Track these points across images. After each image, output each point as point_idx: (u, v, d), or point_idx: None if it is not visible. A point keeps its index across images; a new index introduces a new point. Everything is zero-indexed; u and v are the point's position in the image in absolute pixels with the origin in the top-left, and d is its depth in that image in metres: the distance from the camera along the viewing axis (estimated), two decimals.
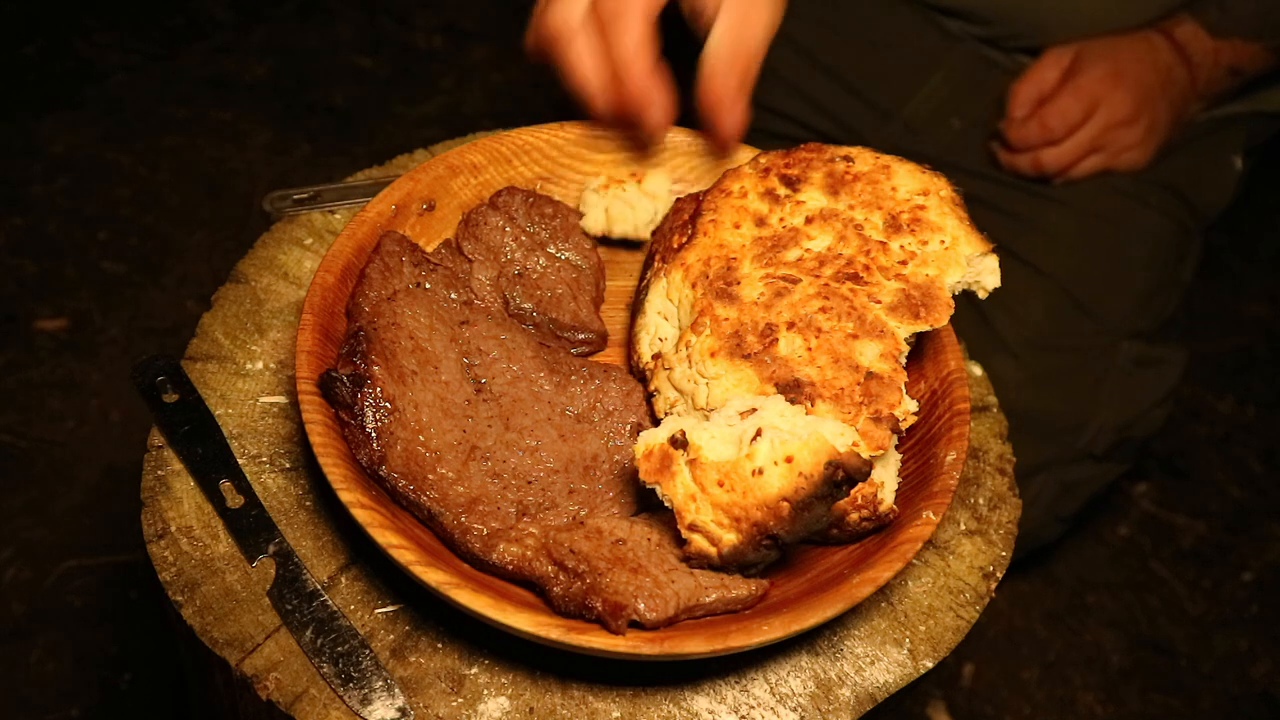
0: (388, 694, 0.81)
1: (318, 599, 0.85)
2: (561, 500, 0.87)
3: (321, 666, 0.82)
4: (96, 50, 2.87)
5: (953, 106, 1.72)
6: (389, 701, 0.80)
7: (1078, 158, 1.63)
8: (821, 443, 0.76)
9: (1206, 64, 1.63)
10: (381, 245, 0.97)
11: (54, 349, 2.20)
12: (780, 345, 0.89)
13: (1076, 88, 1.60)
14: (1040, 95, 1.63)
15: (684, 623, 0.79)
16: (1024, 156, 1.65)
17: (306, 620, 0.84)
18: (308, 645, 0.83)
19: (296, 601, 0.85)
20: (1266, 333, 2.61)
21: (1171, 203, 1.65)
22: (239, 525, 0.89)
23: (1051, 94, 1.62)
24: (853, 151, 1.01)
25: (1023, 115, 1.63)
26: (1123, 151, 1.63)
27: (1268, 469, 2.35)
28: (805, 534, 0.78)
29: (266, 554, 0.88)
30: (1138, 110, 1.61)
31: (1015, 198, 1.65)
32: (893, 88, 1.72)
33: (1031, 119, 1.62)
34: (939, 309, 0.91)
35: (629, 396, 0.95)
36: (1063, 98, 1.60)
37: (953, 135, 1.71)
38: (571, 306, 1.02)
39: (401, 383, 0.87)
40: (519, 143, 1.11)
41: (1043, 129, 1.61)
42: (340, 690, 0.81)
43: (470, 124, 2.20)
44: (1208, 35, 1.61)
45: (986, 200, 1.64)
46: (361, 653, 0.83)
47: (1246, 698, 1.99)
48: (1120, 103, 1.60)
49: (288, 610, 0.84)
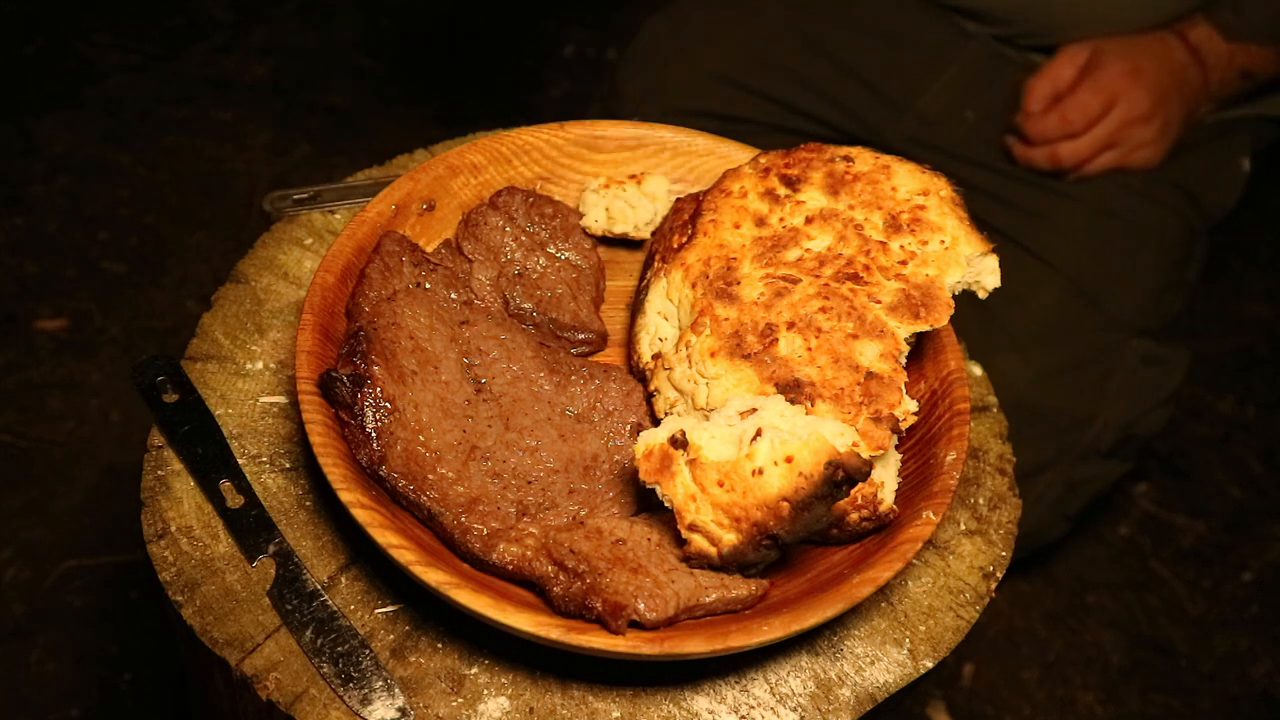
0: (388, 694, 0.81)
1: (317, 599, 0.85)
2: (561, 500, 0.87)
3: (321, 666, 0.82)
4: (96, 50, 2.87)
5: (967, 100, 1.72)
6: (389, 701, 0.80)
7: (1094, 153, 1.63)
8: (821, 443, 0.76)
9: (1220, 66, 1.63)
10: (381, 245, 0.97)
11: (54, 349, 2.20)
12: (780, 345, 0.89)
13: (1096, 82, 1.60)
14: (1056, 91, 1.63)
15: (684, 623, 0.79)
16: (1040, 151, 1.65)
17: (306, 620, 0.84)
18: (308, 645, 0.83)
19: (296, 601, 0.85)
20: (1267, 333, 2.61)
21: (1181, 202, 1.65)
22: (239, 525, 0.89)
23: (1069, 89, 1.62)
24: (852, 151, 1.01)
25: (1039, 110, 1.63)
26: (1137, 149, 1.63)
27: (1268, 469, 2.35)
28: (805, 534, 0.78)
29: (266, 554, 0.88)
30: (1154, 108, 1.61)
31: (1026, 192, 1.65)
32: (907, 81, 1.73)
33: (1051, 112, 1.62)
34: (939, 309, 0.91)
35: (629, 396, 0.95)
36: (1082, 92, 1.60)
37: (967, 128, 1.71)
38: (571, 306, 1.02)
39: (401, 383, 0.87)
40: (519, 143, 1.10)
41: (1062, 122, 1.61)
42: (340, 690, 0.81)
43: (470, 124, 2.19)
44: (1221, 38, 1.62)
45: (998, 194, 1.65)
46: (361, 653, 0.83)
47: (1246, 698, 1.99)
48: (1138, 100, 1.60)
49: (288, 610, 0.84)
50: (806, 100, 1.74)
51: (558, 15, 3.08)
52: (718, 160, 1.13)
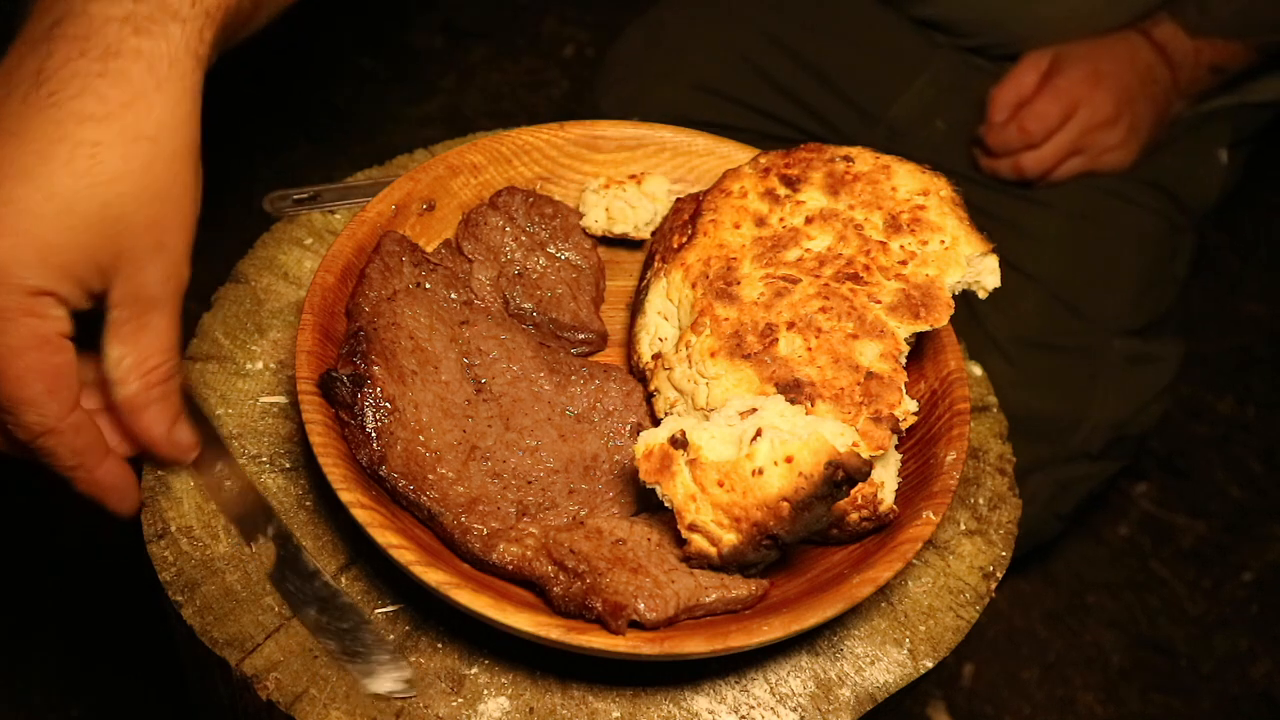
0: (394, 667, 0.81)
1: (318, 579, 0.85)
2: (561, 500, 0.87)
3: (327, 644, 0.82)
4: None
5: (937, 109, 1.72)
6: (395, 674, 0.81)
7: (1058, 160, 1.62)
8: (821, 443, 0.76)
9: (1188, 64, 1.62)
10: (381, 245, 0.97)
11: None
12: (780, 345, 0.89)
13: (1055, 90, 1.60)
14: (1019, 99, 1.63)
15: (684, 623, 0.79)
16: (1004, 161, 1.64)
17: (309, 600, 0.84)
18: (311, 623, 0.83)
19: (298, 582, 0.85)
20: (1266, 332, 2.60)
21: (1158, 200, 1.65)
22: (235, 510, 0.89)
23: (1030, 97, 1.62)
24: (853, 151, 1.01)
25: (1002, 120, 1.63)
26: (1105, 153, 1.63)
27: (1268, 469, 2.35)
28: (805, 534, 0.78)
29: (265, 536, 0.88)
30: (1118, 111, 1.60)
31: (1001, 201, 1.65)
32: (877, 90, 1.73)
33: (1010, 123, 1.61)
34: (939, 309, 0.91)
35: (629, 396, 0.95)
36: (1040, 101, 1.60)
37: (938, 138, 1.71)
38: (571, 306, 1.02)
39: (401, 383, 0.87)
40: (519, 143, 1.10)
41: (1021, 133, 1.60)
42: (347, 665, 0.81)
43: (470, 124, 2.19)
44: (1187, 35, 1.61)
45: (972, 203, 1.64)
46: (365, 628, 0.83)
47: (1246, 698, 1.99)
48: (1100, 104, 1.59)
49: (289, 591, 0.85)
50: (782, 108, 1.74)
51: (558, 15, 3.08)
52: (718, 160, 1.13)
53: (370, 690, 0.81)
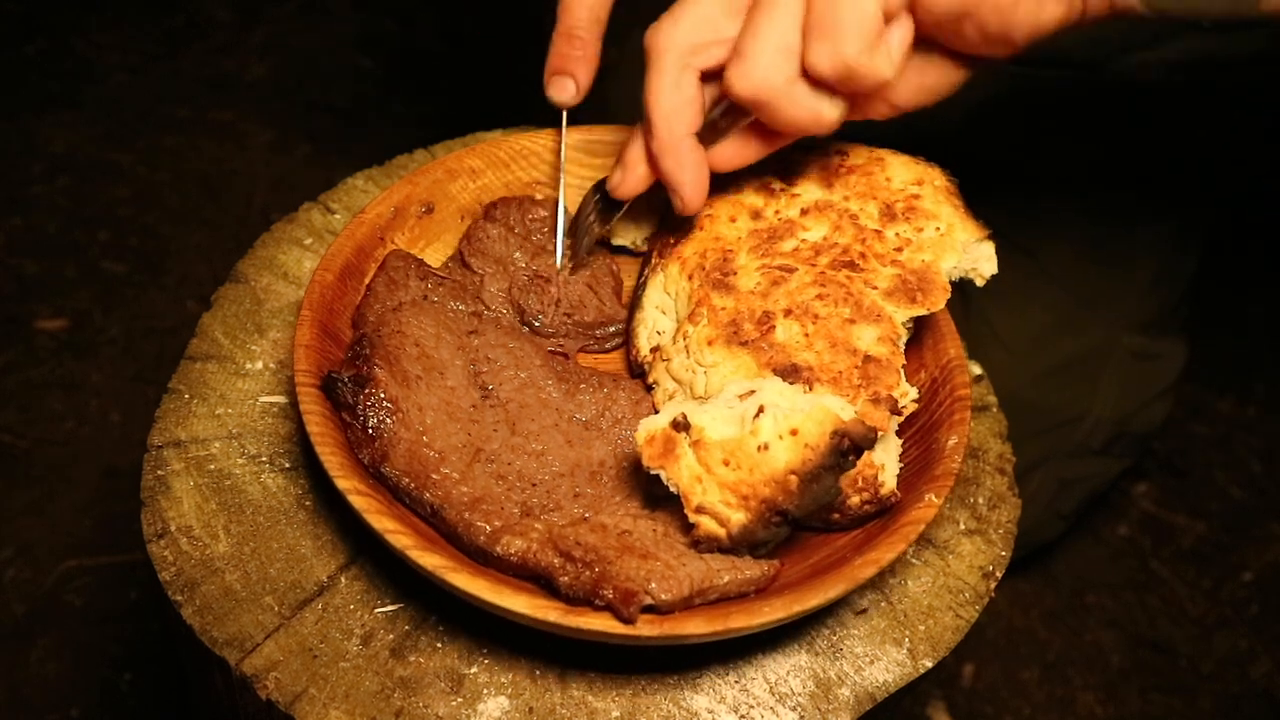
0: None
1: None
2: (566, 503, 0.87)
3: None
4: (96, 50, 2.88)
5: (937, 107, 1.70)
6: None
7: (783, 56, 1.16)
8: (825, 413, 0.74)
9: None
10: (387, 262, 0.98)
11: (54, 349, 2.20)
12: (777, 332, 0.90)
13: None
14: None
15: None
16: None
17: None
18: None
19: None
20: (1268, 332, 2.60)
21: (1174, 192, 1.62)
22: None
23: None
24: (846, 145, 1.02)
25: None
26: None
27: (1268, 469, 2.35)
28: (815, 507, 0.76)
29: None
30: None
31: (1012, 190, 1.64)
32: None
33: None
34: (935, 293, 0.91)
35: (638, 405, 0.95)
36: None
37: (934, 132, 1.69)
38: (595, 303, 1.03)
39: (405, 385, 0.87)
40: (517, 147, 1.11)
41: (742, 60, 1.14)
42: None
43: (470, 125, 2.17)
44: None
45: (978, 196, 1.63)
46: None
47: (1246, 698, 1.99)
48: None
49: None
50: None
51: None
52: None
53: None
